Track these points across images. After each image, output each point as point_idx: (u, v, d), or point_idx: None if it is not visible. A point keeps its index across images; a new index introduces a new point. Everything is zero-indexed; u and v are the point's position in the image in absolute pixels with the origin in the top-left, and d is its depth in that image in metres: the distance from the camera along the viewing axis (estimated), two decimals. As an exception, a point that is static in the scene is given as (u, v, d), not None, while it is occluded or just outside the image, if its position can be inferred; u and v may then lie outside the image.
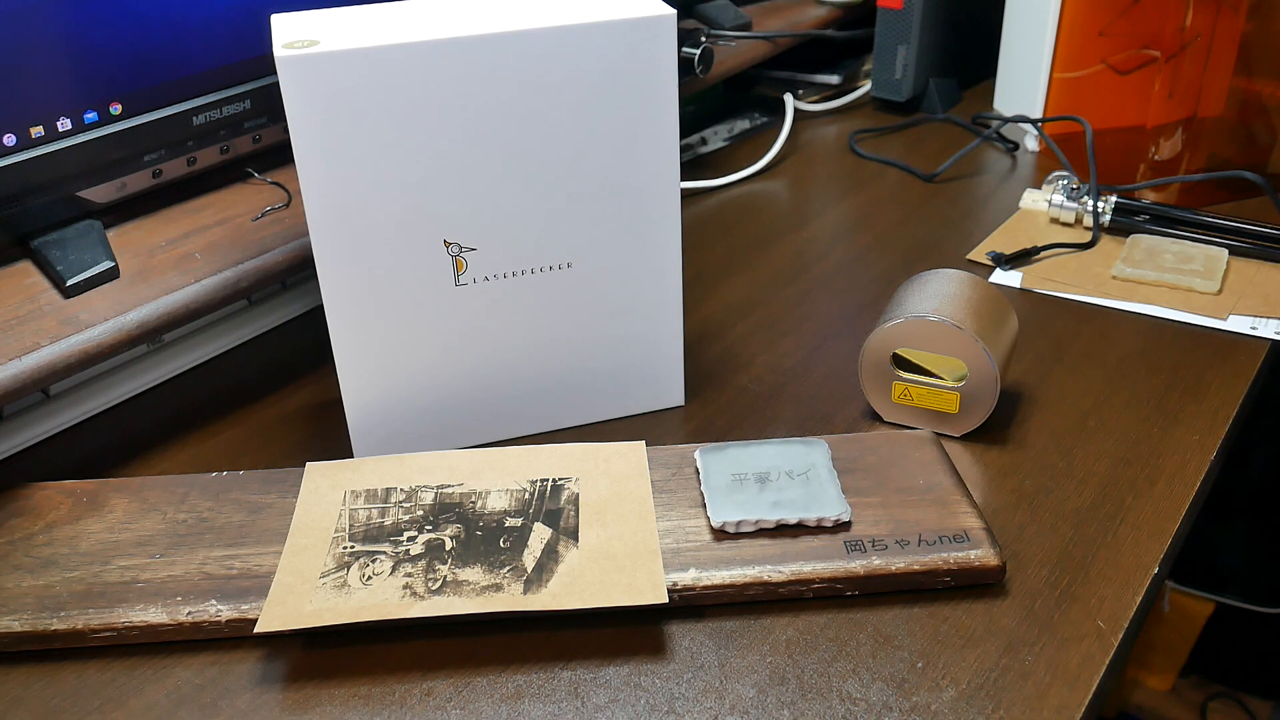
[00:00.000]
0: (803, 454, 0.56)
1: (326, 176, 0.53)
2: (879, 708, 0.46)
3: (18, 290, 0.62)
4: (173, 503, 0.56)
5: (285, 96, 0.50)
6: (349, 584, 0.49)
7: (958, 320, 0.58)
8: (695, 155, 1.02)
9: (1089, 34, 0.96)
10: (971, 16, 1.11)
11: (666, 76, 0.56)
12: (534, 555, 0.50)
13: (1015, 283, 0.78)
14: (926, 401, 0.61)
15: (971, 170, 0.97)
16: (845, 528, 0.52)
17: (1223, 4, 0.98)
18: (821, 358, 0.70)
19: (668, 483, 0.56)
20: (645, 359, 0.63)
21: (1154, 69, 0.99)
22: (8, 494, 0.57)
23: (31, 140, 0.61)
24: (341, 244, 0.54)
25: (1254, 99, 1.06)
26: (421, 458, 0.57)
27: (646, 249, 0.60)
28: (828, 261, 0.82)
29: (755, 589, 0.50)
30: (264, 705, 0.47)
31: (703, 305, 0.77)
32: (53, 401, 0.65)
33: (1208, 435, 0.62)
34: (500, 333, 0.60)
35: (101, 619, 0.49)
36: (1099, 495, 0.57)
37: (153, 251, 0.66)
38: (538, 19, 0.53)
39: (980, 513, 0.53)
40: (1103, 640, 0.48)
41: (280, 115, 0.74)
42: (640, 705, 0.46)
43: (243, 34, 0.70)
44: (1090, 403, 0.64)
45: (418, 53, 0.51)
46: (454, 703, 0.46)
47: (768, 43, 1.06)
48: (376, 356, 0.58)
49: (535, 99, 0.54)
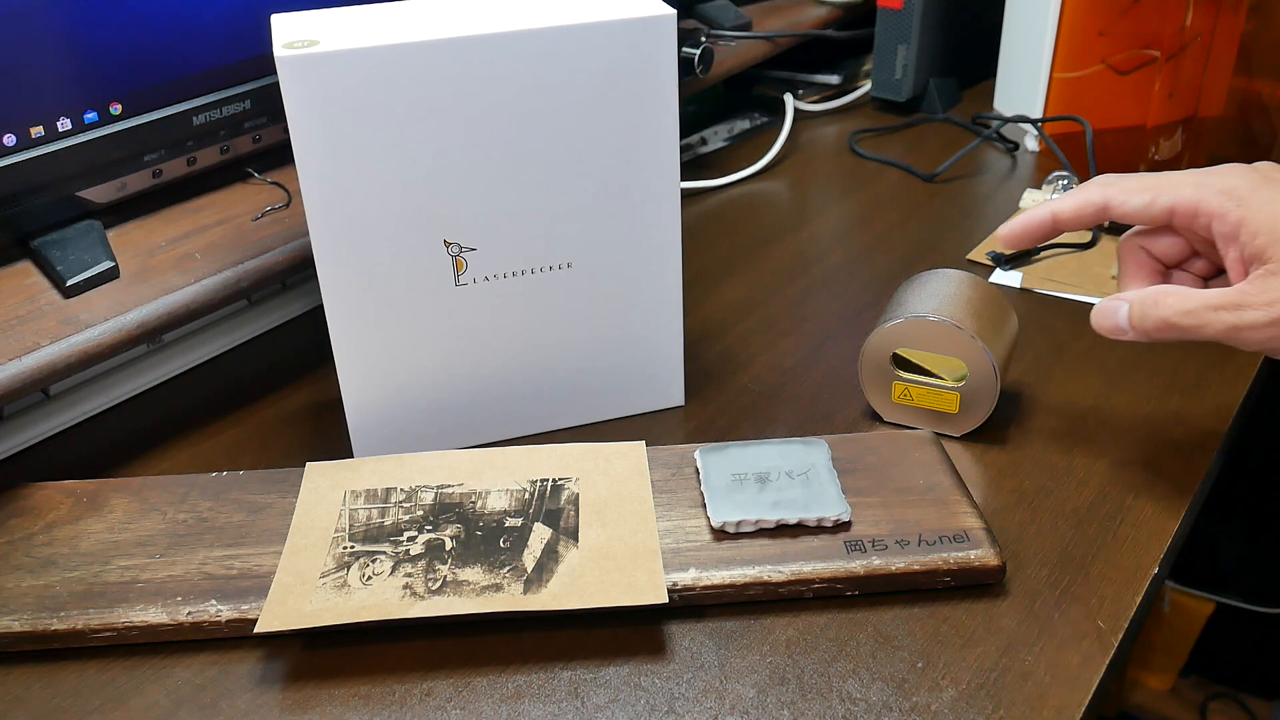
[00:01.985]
0: (803, 454, 0.56)
1: (326, 176, 0.53)
2: (879, 708, 0.46)
3: (18, 290, 0.62)
4: (173, 503, 0.56)
5: (285, 96, 0.50)
6: (349, 584, 0.49)
7: (958, 320, 0.58)
8: (695, 155, 1.02)
9: (1089, 34, 0.96)
10: (971, 16, 1.11)
11: (666, 76, 0.56)
12: (534, 555, 0.50)
13: (1015, 283, 0.78)
14: (926, 401, 0.61)
15: (971, 170, 0.97)
16: (845, 528, 0.52)
17: (1223, 4, 0.98)
18: (821, 358, 0.70)
19: (668, 483, 0.56)
20: (645, 359, 0.63)
21: (1154, 69, 0.99)
22: (8, 494, 0.57)
23: (31, 140, 0.61)
24: (341, 244, 0.54)
25: (1254, 99, 1.06)
26: (421, 458, 0.57)
27: (646, 249, 0.60)
28: (828, 261, 0.82)
29: (755, 589, 0.50)
30: (264, 705, 0.47)
31: (703, 305, 0.77)
32: (53, 401, 0.65)
33: (1208, 435, 0.62)
34: (500, 333, 0.60)
35: (101, 619, 0.49)
36: (1099, 495, 0.57)
37: (153, 251, 0.66)
38: (538, 19, 0.53)
39: (980, 513, 0.53)
40: (1103, 640, 0.48)
41: (280, 115, 0.74)
42: (640, 705, 0.46)
43: (243, 34, 0.70)
44: (1090, 403, 0.64)
45: (418, 53, 0.51)
46: (454, 703, 0.46)
47: (768, 43, 1.06)
48: (376, 356, 0.58)
49: (535, 99, 0.54)
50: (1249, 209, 0.49)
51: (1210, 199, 0.51)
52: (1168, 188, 0.52)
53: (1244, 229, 0.50)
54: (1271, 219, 0.49)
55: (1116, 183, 0.54)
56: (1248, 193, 0.50)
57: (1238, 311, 0.49)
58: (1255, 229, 0.49)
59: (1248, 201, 0.50)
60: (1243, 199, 0.50)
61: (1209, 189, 0.51)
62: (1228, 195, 0.50)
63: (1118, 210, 0.53)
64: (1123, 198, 0.53)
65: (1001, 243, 0.58)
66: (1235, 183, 0.51)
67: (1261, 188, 0.50)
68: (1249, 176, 0.51)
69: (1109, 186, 0.54)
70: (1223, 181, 0.51)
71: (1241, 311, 0.49)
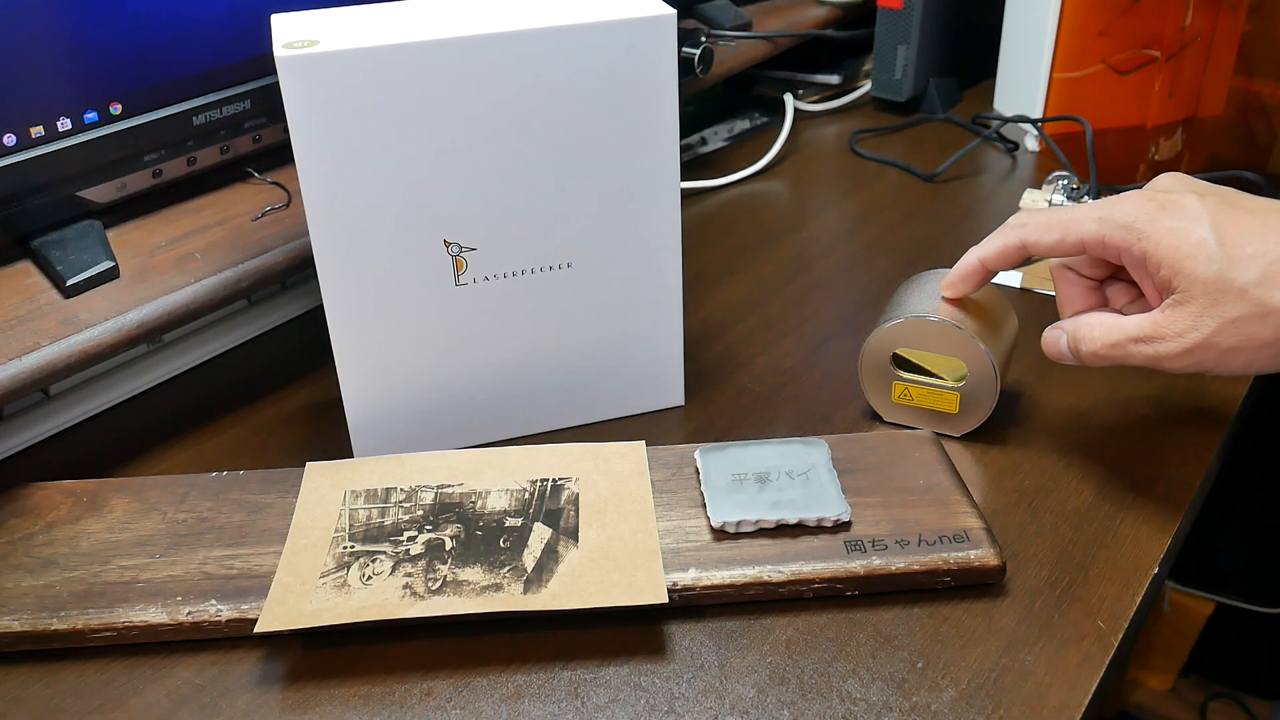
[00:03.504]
0: (803, 454, 0.56)
1: (326, 176, 0.53)
2: (879, 708, 0.46)
3: (18, 290, 0.62)
4: (173, 503, 0.56)
5: (285, 96, 0.50)
6: (349, 584, 0.49)
7: (958, 320, 0.58)
8: (695, 155, 1.02)
9: (1089, 34, 0.96)
10: (971, 16, 1.11)
11: (666, 76, 0.56)
12: (534, 555, 0.50)
13: (1015, 283, 0.78)
14: (926, 401, 0.61)
15: (971, 170, 0.97)
16: (845, 528, 0.52)
17: (1223, 4, 0.99)
18: (821, 358, 0.70)
19: (668, 483, 0.56)
20: (645, 359, 0.63)
21: (1154, 69, 0.99)
22: (8, 494, 0.57)
23: (31, 140, 0.61)
24: (341, 244, 0.54)
25: (1254, 99, 1.06)
26: (421, 458, 0.57)
27: (646, 249, 0.60)
28: (828, 261, 0.82)
29: (755, 589, 0.50)
30: (264, 705, 0.47)
31: (703, 305, 0.77)
32: (53, 401, 0.65)
33: (1208, 435, 0.62)
34: (500, 333, 0.60)
35: (101, 619, 0.49)
36: (1099, 495, 0.57)
37: (153, 251, 0.66)
38: (538, 19, 0.53)
39: (980, 513, 0.53)
40: (1103, 640, 0.48)
41: (280, 115, 0.73)
42: (640, 705, 0.46)
43: (243, 34, 0.70)
44: (1090, 403, 0.64)
45: (418, 53, 0.51)
46: (454, 703, 0.46)
47: (768, 43, 1.06)
48: (376, 356, 0.58)
49: (535, 99, 0.54)
50: (1150, 242, 0.50)
51: (1113, 234, 0.51)
52: (1074, 224, 0.53)
53: (1148, 261, 0.50)
54: (1173, 249, 0.49)
55: (1029, 221, 0.55)
56: (1146, 225, 0.50)
57: (1154, 344, 0.50)
58: (1158, 261, 0.49)
59: (1147, 235, 0.50)
60: (1142, 233, 0.50)
61: (1110, 224, 0.51)
62: (1128, 230, 0.51)
63: (1035, 248, 0.55)
64: (1036, 236, 0.54)
65: (945, 291, 0.60)
66: (1134, 215, 0.51)
67: (1159, 217, 0.50)
68: (1146, 207, 0.51)
69: (1023, 228, 0.55)
70: (1124, 215, 0.51)
71: (1157, 344, 0.50)
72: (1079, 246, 0.53)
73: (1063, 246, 0.53)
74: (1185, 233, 0.49)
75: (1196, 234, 0.49)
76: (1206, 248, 0.48)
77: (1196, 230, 0.49)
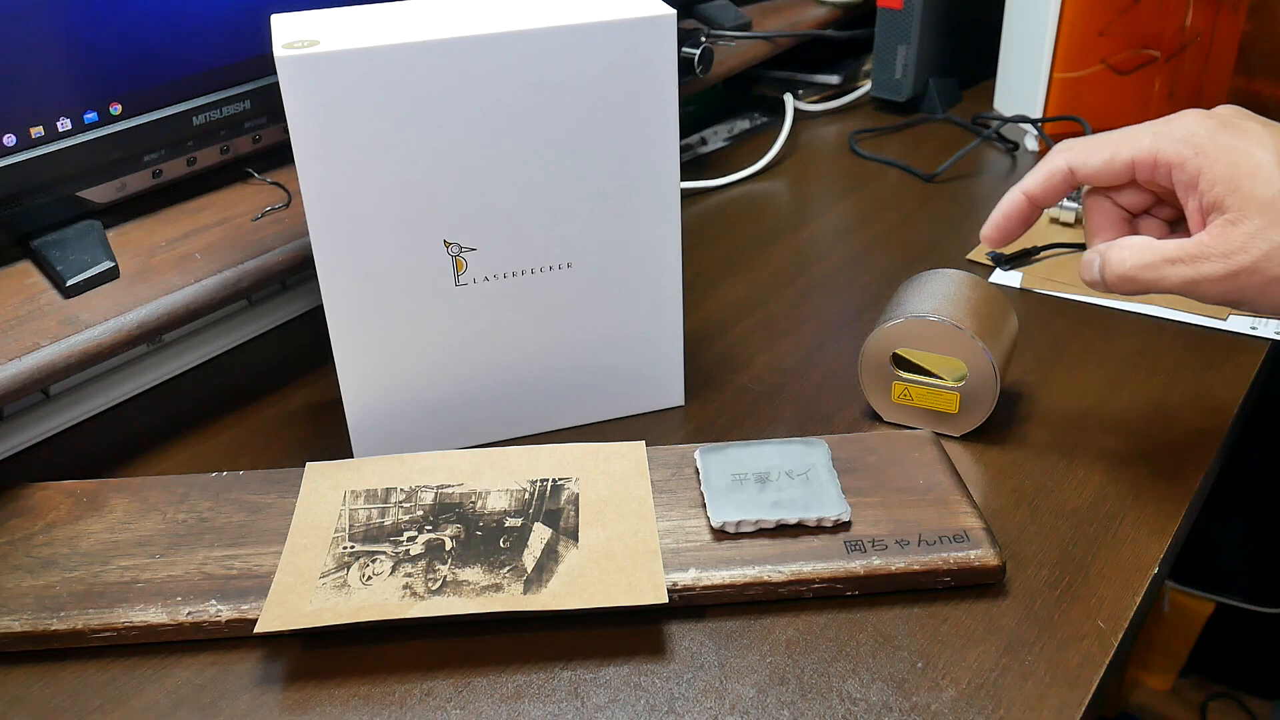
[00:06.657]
0: (803, 454, 0.56)
1: (326, 176, 0.53)
2: (879, 708, 0.46)
3: (18, 290, 0.62)
4: (173, 503, 0.56)
5: (285, 96, 0.50)
6: (349, 584, 0.49)
7: (958, 320, 0.58)
8: (695, 155, 1.02)
9: (1089, 34, 0.96)
10: (971, 16, 1.11)
11: (666, 76, 0.56)
12: (534, 555, 0.50)
13: (1015, 283, 0.78)
14: (926, 401, 0.61)
15: (971, 170, 0.97)
16: (845, 528, 0.52)
17: (1223, 4, 0.98)
18: (821, 358, 0.70)
19: (668, 483, 0.56)
20: (645, 359, 0.63)
21: (1154, 69, 0.99)
22: (8, 494, 0.57)
23: (31, 140, 0.61)
24: (341, 244, 0.54)
25: (1254, 99, 1.06)
26: (421, 458, 0.57)
27: (646, 249, 0.60)
28: (828, 261, 0.82)
29: (755, 589, 0.50)
30: (264, 705, 0.47)
31: (703, 305, 0.77)
32: (53, 401, 0.65)
33: (1208, 435, 0.61)
34: (500, 333, 0.60)
35: (101, 619, 0.49)
36: (1099, 495, 0.57)
37: (153, 251, 0.66)
38: (538, 19, 0.53)
39: (980, 513, 0.53)
40: (1103, 640, 0.48)
41: (280, 115, 0.74)
42: (640, 705, 0.46)
43: (243, 34, 0.70)
44: (1090, 403, 0.64)
45: (418, 53, 0.51)
46: (454, 703, 0.46)
47: (768, 43, 1.06)
48: (376, 356, 0.58)
49: (535, 99, 0.54)
50: (1207, 157, 0.49)
51: (1168, 148, 0.50)
52: (1126, 141, 0.51)
53: (1202, 178, 0.49)
54: (1230, 167, 0.48)
55: (1076, 146, 0.53)
56: (1205, 140, 0.49)
57: (1195, 264, 0.48)
58: (1213, 178, 0.48)
59: (1206, 149, 0.49)
60: (1201, 147, 0.49)
61: (1167, 138, 0.50)
62: (1185, 143, 0.49)
63: (1081, 172, 0.53)
64: (1083, 158, 0.53)
65: (986, 241, 0.57)
66: (1193, 130, 0.50)
67: (1220, 134, 0.49)
68: (1206, 123, 0.50)
69: (1069, 151, 0.53)
70: (1181, 130, 0.50)
71: (1199, 264, 0.48)
72: (1128, 166, 0.51)
73: (1111, 166, 0.52)
74: (1247, 153, 0.48)
75: (1259, 156, 0.47)
76: (1267, 170, 0.47)
77: (1259, 153, 0.47)
